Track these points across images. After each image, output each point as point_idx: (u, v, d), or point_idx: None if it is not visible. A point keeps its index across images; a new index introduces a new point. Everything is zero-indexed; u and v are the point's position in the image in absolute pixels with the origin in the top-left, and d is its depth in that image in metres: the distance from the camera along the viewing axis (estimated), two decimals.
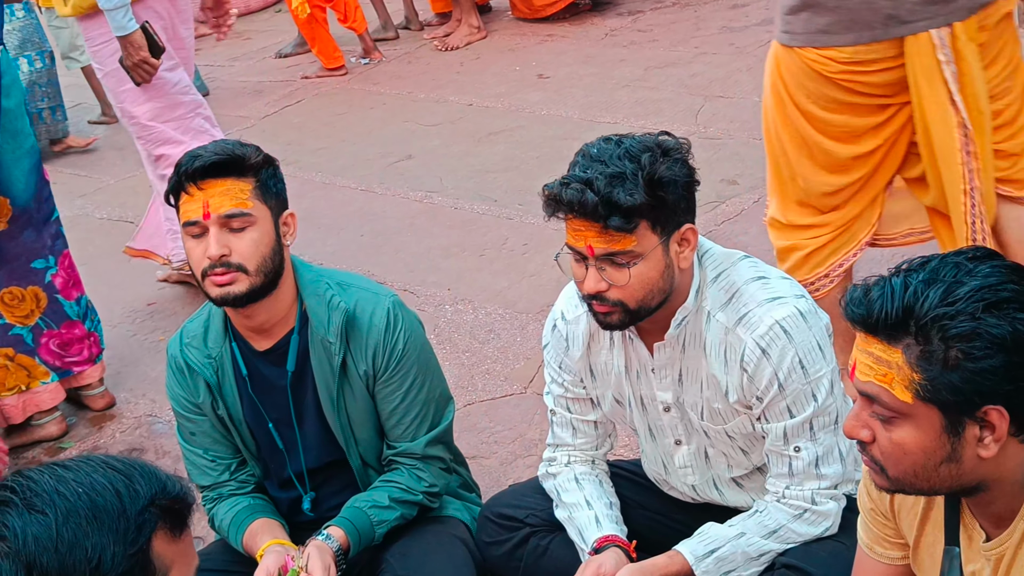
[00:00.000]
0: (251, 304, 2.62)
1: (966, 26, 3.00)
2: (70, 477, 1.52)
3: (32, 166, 3.96)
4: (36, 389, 4.13)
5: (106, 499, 1.51)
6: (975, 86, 3.04)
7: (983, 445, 1.71)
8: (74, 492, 1.50)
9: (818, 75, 3.10)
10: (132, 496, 1.53)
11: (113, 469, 1.55)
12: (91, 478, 1.52)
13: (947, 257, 1.74)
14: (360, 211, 5.77)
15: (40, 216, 4.02)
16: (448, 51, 7.96)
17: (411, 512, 2.80)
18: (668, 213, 2.34)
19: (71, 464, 1.55)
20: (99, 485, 1.52)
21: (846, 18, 3.01)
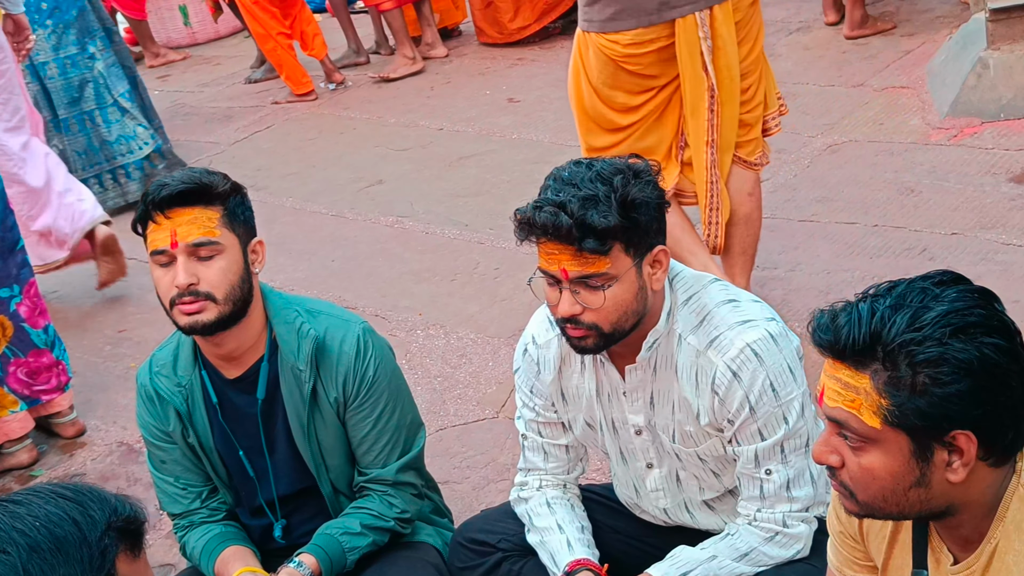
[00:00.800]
0: (220, 332, 2.61)
1: (723, 9, 3.81)
2: (23, 512, 1.49)
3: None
4: (5, 418, 4.09)
5: (65, 530, 1.49)
6: (728, 59, 3.86)
7: (952, 469, 1.72)
8: (32, 527, 1.47)
9: (607, 58, 3.87)
10: (89, 523, 1.51)
11: (64, 498, 1.53)
12: (45, 510, 1.50)
13: (914, 282, 1.75)
14: (331, 236, 5.76)
15: (5, 245, 3.99)
16: (385, 82, 7.97)
17: (383, 538, 2.79)
18: (641, 235, 2.35)
19: (20, 499, 1.53)
20: (55, 516, 1.50)
21: (629, 7, 3.77)
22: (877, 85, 6.28)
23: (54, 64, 6.11)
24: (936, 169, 5.20)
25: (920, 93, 6.03)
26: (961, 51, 5.90)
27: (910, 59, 6.51)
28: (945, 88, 5.80)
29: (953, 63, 5.92)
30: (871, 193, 5.11)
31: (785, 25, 7.47)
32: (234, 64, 9.40)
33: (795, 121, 6.03)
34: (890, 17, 7.08)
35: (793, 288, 4.42)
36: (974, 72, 5.56)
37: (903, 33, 6.89)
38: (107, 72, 6.30)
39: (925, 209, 4.88)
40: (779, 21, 7.57)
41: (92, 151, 6.37)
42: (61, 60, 6.14)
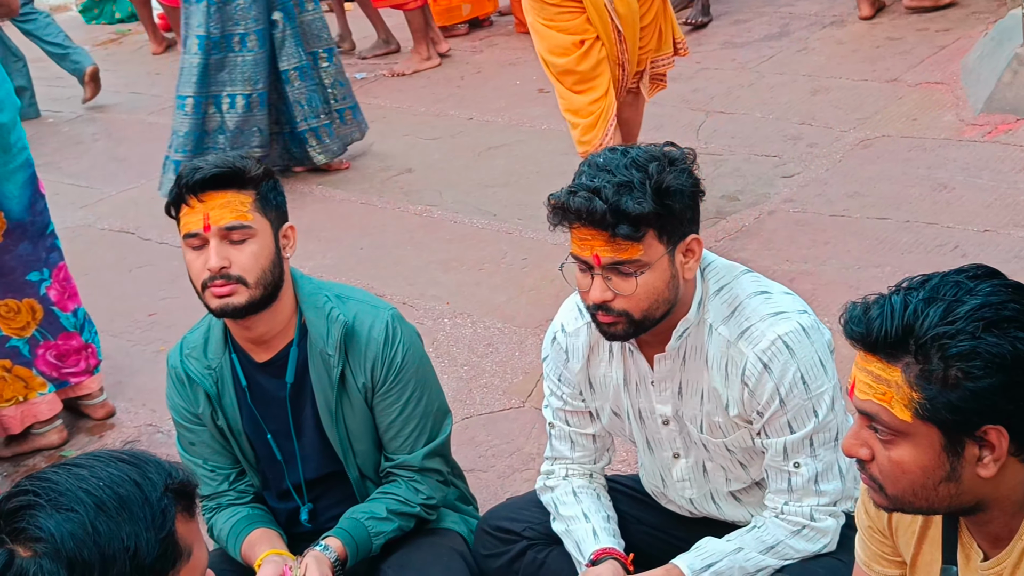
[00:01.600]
0: (250, 316, 2.63)
1: None
2: (87, 474, 1.56)
3: (26, 180, 3.97)
4: (34, 400, 4.13)
5: (128, 490, 1.56)
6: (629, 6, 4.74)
7: (982, 465, 1.71)
8: (96, 487, 1.54)
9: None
10: (149, 485, 1.58)
11: (123, 461, 1.60)
12: (106, 472, 1.57)
13: (947, 276, 1.74)
14: (360, 224, 5.77)
15: (35, 229, 4.02)
16: (395, 77, 8.03)
17: (408, 524, 2.80)
18: (675, 222, 2.35)
19: (83, 462, 1.59)
20: (116, 478, 1.56)
21: None
22: (911, 80, 6.24)
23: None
24: (969, 165, 5.17)
25: (955, 89, 5.99)
26: (997, 47, 5.86)
27: (945, 54, 6.46)
28: (980, 84, 5.76)
29: (988, 59, 5.87)
30: (903, 189, 5.08)
31: (819, 19, 7.43)
32: None
33: (827, 116, 6.01)
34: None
35: (822, 283, 4.41)
36: (1009, 68, 5.52)
37: (938, 28, 6.84)
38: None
39: (958, 206, 4.85)
40: (812, 15, 7.53)
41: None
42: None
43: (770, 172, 5.52)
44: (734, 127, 6.12)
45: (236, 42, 5.97)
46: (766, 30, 7.48)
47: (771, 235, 4.93)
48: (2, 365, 4.05)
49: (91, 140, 7.92)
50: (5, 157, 3.88)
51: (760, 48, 7.18)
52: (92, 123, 8.26)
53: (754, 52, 7.14)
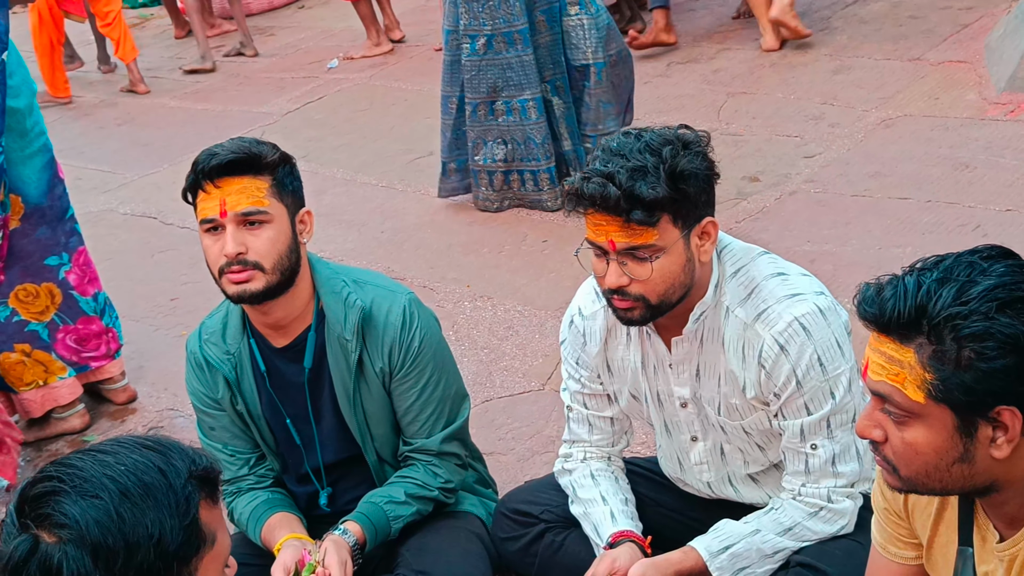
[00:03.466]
0: (268, 301, 2.63)
1: None
2: (111, 460, 1.57)
3: (44, 164, 3.98)
4: (54, 384, 4.16)
5: (152, 477, 1.57)
6: None
7: (996, 446, 1.70)
8: (121, 474, 1.56)
9: None
10: (174, 472, 1.59)
11: (147, 448, 1.61)
12: (131, 459, 1.58)
13: (961, 256, 1.73)
14: (381, 208, 5.78)
15: (54, 213, 4.04)
16: (348, 61, 8.29)
17: (427, 508, 2.81)
18: (689, 206, 2.34)
19: (107, 448, 1.61)
20: (141, 465, 1.58)
21: None
22: (934, 59, 6.20)
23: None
24: (992, 145, 5.13)
25: (977, 68, 5.94)
26: (1020, 25, 5.80)
27: (968, 33, 6.41)
28: (1003, 63, 5.72)
29: (1011, 37, 5.82)
30: (925, 168, 5.05)
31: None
32: (287, 35, 9.44)
33: (849, 95, 5.97)
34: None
35: (844, 263, 4.39)
36: None
37: (961, 7, 6.79)
38: None
39: (979, 185, 4.82)
40: None
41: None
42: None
43: (791, 152, 5.49)
44: (755, 107, 6.09)
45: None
46: None
47: (792, 216, 4.90)
48: (22, 349, 4.08)
49: (114, 125, 7.95)
50: (22, 142, 3.89)
51: None
52: (115, 108, 8.29)
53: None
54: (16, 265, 3.98)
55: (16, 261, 3.97)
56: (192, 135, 7.15)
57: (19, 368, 4.08)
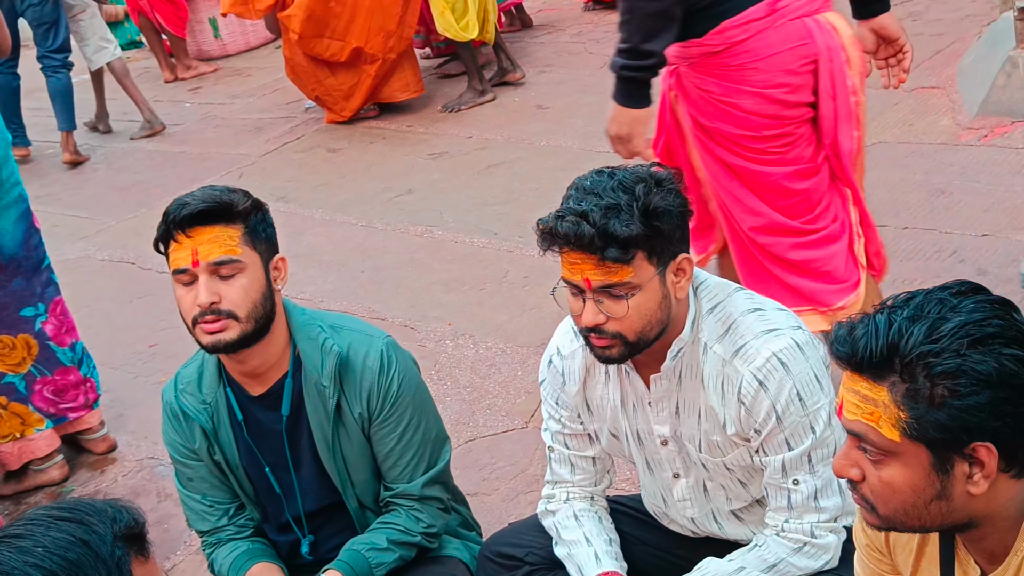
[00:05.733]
0: (243, 350, 2.62)
1: None
2: (29, 545, 1.49)
3: (20, 215, 3.96)
4: (31, 436, 4.13)
5: (77, 552, 1.49)
6: None
7: (972, 482, 1.69)
8: (43, 558, 1.47)
9: None
10: (98, 540, 1.51)
11: (63, 520, 1.53)
12: (50, 537, 1.50)
13: (931, 293, 1.73)
14: (360, 247, 5.77)
15: (29, 264, 4.02)
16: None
17: (409, 553, 2.79)
18: (664, 243, 2.34)
19: (20, 531, 1.52)
20: (62, 541, 1.50)
21: None
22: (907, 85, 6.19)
23: None
24: (967, 170, 5.15)
25: (950, 93, 5.98)
26: (991, 50, 5.85)
27: (940, 59, 6.46)
28: (975, 87, 5.75)
29: (983, 62, 5.87)
30: (901, 195, 5.07)
31: None
32: (264, 75, 9.45)
33: None
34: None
35: None
36: (1003, 71, 5.50)
37: (933, 33, 6.83)
38: None
39: (956, 210, 4.84)
40: None
41: None
42: None
43: None
44: None
45: None
46: None
47: None
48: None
49: (91, 170, 7.95)
50: (1, 190, 3.88)
51: None
52: (91, 152, 8.28)
53: None
54: None
55: None
56: (170, 178, 7.15)
57: None
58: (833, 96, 3.09)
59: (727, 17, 3.00)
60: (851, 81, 3.11)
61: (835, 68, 3.08)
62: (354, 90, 7.40)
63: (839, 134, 3.12)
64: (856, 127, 3.14)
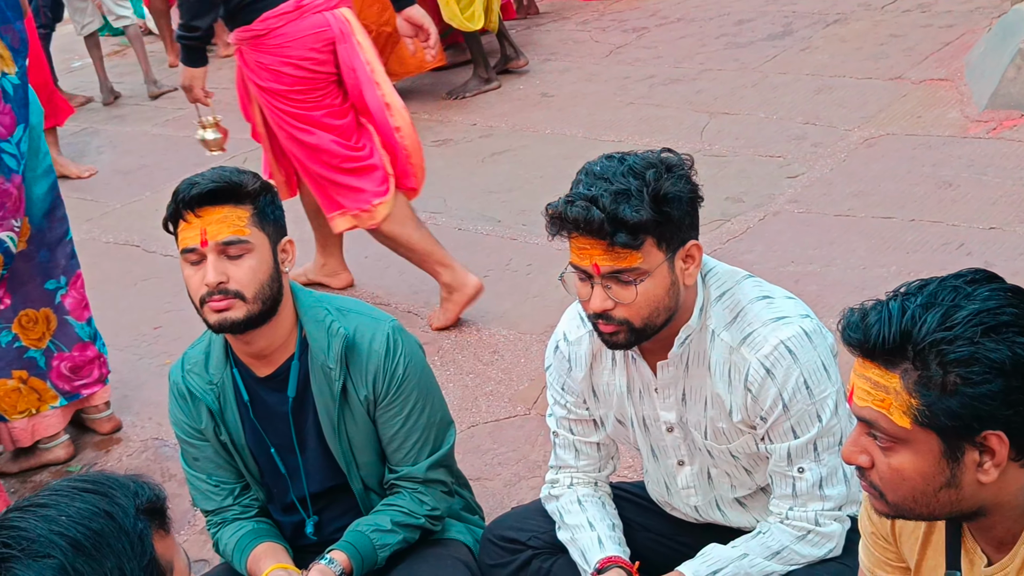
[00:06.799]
0: (250, 331, 2.62)
1: None
2: (54, 514, 1.51)
3: (50, 185, 4.00)
4: (45, 413, 4.13)
5: (100, 523, 1.51)
6: None
7: (983, 470, 1.69)
8: (68, 526, 1.49)
9: None
10: (121, 512, 1.53)
11: (87, 491, 1.55)
12: (74, 507, 1.52)
13: (945, 280, 1.73)
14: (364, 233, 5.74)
15: (54, 236, 4.04)
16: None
17: (413, 536, 2.79)
18: (673, 229, 2.34)
19: (45, 500, 1.54)
20: (86, 512, 1.52)
21: None
22: (915, 77, 6.23)
23: None
24: (974, 163, 5.15)
25: (959, 85, 5.97)
26: (1000, 43, 5.84)
27: (949, 51, 6.45)
28: (984, 80, 5.74)
29: (992, 55, 5.85)
30: (908, 187, 5.07)
31: (822, 17, 7.42)
32: None
33: (831, 115, 5.99)
34: None
35: (828, 283, 4.39)
36: (1013, 64, 5.50)
37: (942, 25, 6.82)
38: None
39: (963, 203, 4.83)
40: (816, 13, 7.52)
41: None
42: None
43: (774, 173, 5.51)
44: (738, 128, 6.10)
45: None
46: (769, 29, 7.47)
47: (776, 236, 4.91)
48: (19, 376, 4.05)
49: (96, 152, 7.94)
50: (34, 161, 3.92)
51: (763, 48, 7.17)
52: (96, 136, 8.27)
53: (757, 52, 7.13)
54: (20, 289, 3.97)
55: (19, 285, 3.96)
56: (174, 162, 7.14)
57: (14, 396, 4.05)
58: (352, 68, 4.40)
59: (266, 10, 4.29)
60: (363, 57, 4.42)
61: (349, 48, 4.38)
62: None
63: (364, 93, 4.42)
64: (377, 88, 4.45)
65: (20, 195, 3.81)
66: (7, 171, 3.76)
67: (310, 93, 4.43)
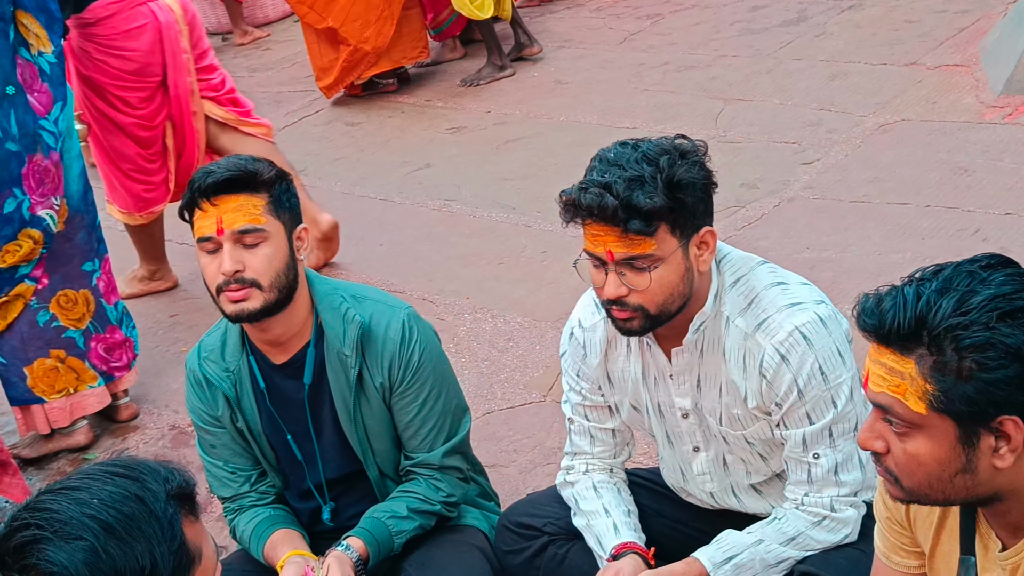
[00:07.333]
0: (266, 319, 2.63)
1: None
2: (86, 497, 1.53)
3: (81, 169, 4.06)
4: (84, 392, 4.15)
5: (132, 507, 1.53)
6: None
7: (998, 456, 1.69)
8: (99, 509, 1.51)
9: None
10: (152, 497, 1.55)
11: (119, 476, 1.57)
12: (106, 491, 1.54)
13: (961, 266, 1.73)
14: (379, 220, 5.78)
15: (89, 218, 4.10)
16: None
17: (429, 522, 2.80)
18: (687, 216, 2.34)
19: (77, 484, 1.56)
20: (117, 496, 1.54)
21: None
22: (930, 63, 6.20)
23: None
24: (990, 148, 5.12)
25: (974, 71, 5.94)
26: (1016, 28, 5.80)
27: (964, 36, 6.41)
28: (1000, 65, 5.71)
29: (1008, 40, 5.82)
30: (923, 173, 5.05)
31: (837, 3, 7.38)
32: (283, 49, 9.43)
33: (846, 101, 5.97)
34: None
35: (843, 270, 4.39)
36: None
37: (957, 10, 6.79)
38: None
39: (978, 189, 4.82)
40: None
41: None
42: None
43: (789, 159, 5.49)
44: (752, 114, 6.09)
45: None
46: (783, 15, 7.43)
47: (791, 223, 4.90)
48: (56, 355, 4.07)
49: None
50: (70, 142, 3.96)
51: (778, 34, 7.14)
52: None
53: (772, 38, 7.10)
54: (59, 270, 4.00)
55: (59, 266, 4.00)
56: None
57: (52, 375, 4.07)
58: (173, 53, 4.64)
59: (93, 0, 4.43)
60: (184, 44, 4.68)
61: (172, 36, 4.63)
62: (332, 64, 7.41)
63: (177, 80, 4.65)
64: (187, 75, 4.71)
65: (58, 173, 3.87)
66: (46, 148, 3.83)
67: (133, 93, 4.66)
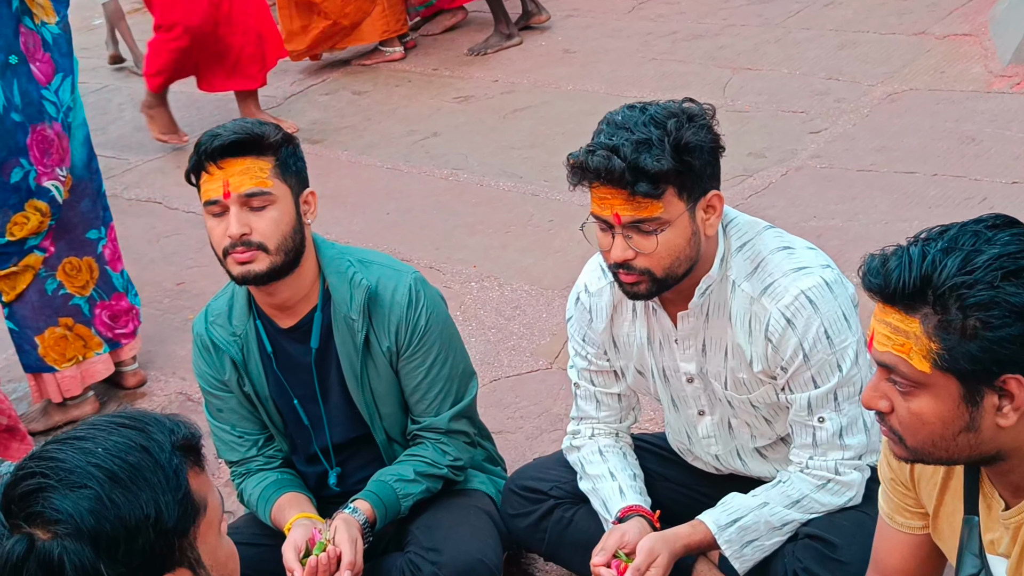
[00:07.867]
0: (273, 282, 2.64)
1: None
2: (91, 446, 1.54)
3: (85, 136, 4.06)
4: (91, 359, 4.16)
5: (137, 456, 1.54)
6: None
7: (1002, 414, 1.70)
8: (104, 458, 1.52)
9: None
10: (157, 447, 1.56)
11: (124, 427, 1.58)
12: (111, 441, 1.55)
13: (966, 225, 1.73)
14: (386, 189, 5.77)
15: (93, 186, 4.10)
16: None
17: (436, 485, 2.82)
18: (694, 179, 2.34)
19: (84, 433, 1.57)
20: (123, 445, 1.55)
21: None
22: (939, 32, 6.17)
23: None
24: (998, 117, 5.11)
25: (983, 40, 5.91)
26: None
27: (973, 6, 6.38)
28: (1008, 35, 5.69)
29: (1016, 9, 5.80)
30: (931, 142, 5.04)
31: None
32: None
33: (854, 70, 5.95)
34: None
35: (850, 238, 4.38)
36: None
37: None
38: None
39: (986, 158, 4.81)
40: None
41: None
42: None
43: (797, 128, 5.48)
44: (761, 83, 6.07)
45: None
46: None
47: (799, 191, 4.90)
48: (65, 323, 4.09)
49: (117, 110, 7.93)
50: (73, 113, 3.96)
51: (786, 3, 7.10)
52: (118, 93, 8.26)
53: (780, 7, 7.07)
54: (64, 238, 4.02)
55: (63, 234, 4.02)
56: (195, 119, 7.13)
57: (62, 344, 4.09)
58: None
59: None
60: None
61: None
62: (303, 31, 7.38)
63: None
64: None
65: (62, 144, 3.88)
66: (48, 118, 3.83)
67: None
